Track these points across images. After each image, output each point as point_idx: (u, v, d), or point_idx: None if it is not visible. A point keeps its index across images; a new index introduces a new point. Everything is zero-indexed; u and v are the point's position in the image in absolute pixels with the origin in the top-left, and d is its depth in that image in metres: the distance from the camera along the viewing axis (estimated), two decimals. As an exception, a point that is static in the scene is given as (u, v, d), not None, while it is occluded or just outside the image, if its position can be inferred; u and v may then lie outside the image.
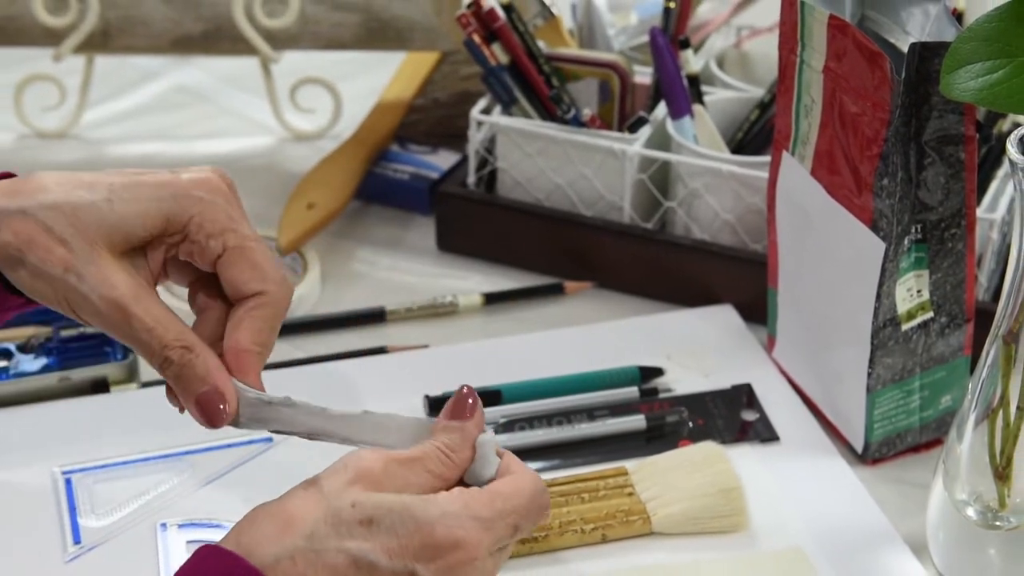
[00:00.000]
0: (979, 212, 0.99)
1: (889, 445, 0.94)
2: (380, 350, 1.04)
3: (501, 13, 1.10)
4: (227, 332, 0.73)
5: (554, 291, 1.10)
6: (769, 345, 1.02)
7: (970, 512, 0.84)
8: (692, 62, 1.11)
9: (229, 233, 0.73)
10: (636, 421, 0.95)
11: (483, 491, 0.70)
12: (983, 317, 0.91)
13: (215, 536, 0.87)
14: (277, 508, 0.69)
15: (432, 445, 0.72)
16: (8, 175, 0.75)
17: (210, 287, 0.74)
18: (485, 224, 1.13)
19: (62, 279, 0.71)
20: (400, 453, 0.71)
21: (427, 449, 0.72)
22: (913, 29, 0.88)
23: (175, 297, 1.04)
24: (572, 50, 1.16)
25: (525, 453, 0.93)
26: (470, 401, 0.74)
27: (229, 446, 0.94)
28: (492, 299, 1.09)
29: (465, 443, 0.73)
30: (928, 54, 0.83)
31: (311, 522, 0.68)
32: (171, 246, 0.73)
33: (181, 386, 0.71)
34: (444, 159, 1.20)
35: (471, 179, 1.14)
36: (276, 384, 1.00)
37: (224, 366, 0.72)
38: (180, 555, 0.86)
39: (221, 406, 0.71)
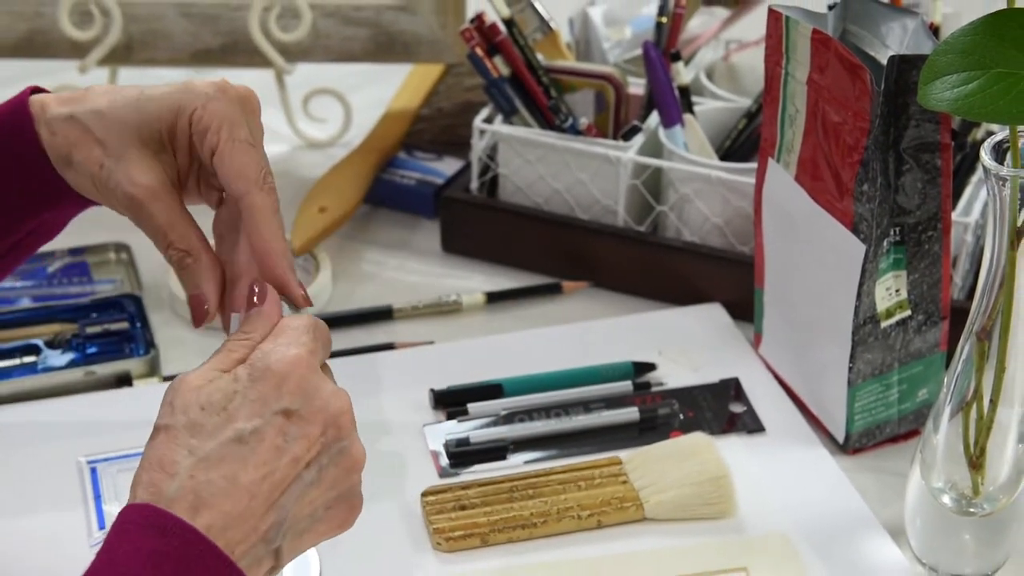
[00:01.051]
0: (954, 216, 0.99)
1: (869, 436, 0.94)
2: (388, 346, 1.04)
3: (502, 27, 1.10)
4: (245, 237, 0.75)
5: (552, 290, 1.10)
6: (756, 341, 1.02)
7: (946, 499, 0.84)
8: (683, 74, 1.11)
9: (224, 129, 0.74)
10: (630, 413, 0.95)
11: (278, 326, 0.71)
12: (958, 315, 0.91)
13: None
14: (147, 461, 0.67)
15: (231, 338, 0.72)
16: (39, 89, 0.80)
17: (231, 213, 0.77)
18: (487, 227, 1.13)
19: (97, 175, 0.75)
20: (207, 362, 0.70)
21: (227, 343, 0.71)
22: (892, 42, 0.88)
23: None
24: (569, 63, 1.16)
25: (525, 444, 0.94)
26: (257, 289, 0.72)
27: (245, 437, 0.94)
28: (494, 298, 1.09)
29: (262, 322, 0.71)
30: (906, 66, 0.83)
31: (182, 446, 0.67)
32: (188, 144, 0.76)
33: (183, 282, 0.76)
34: (448, 165, 1.20)
35: (474, 184, 1.14)
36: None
37: (221, 276, 0.76)
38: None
39: (205, 306, 0.75)
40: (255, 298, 0.73)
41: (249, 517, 0.67)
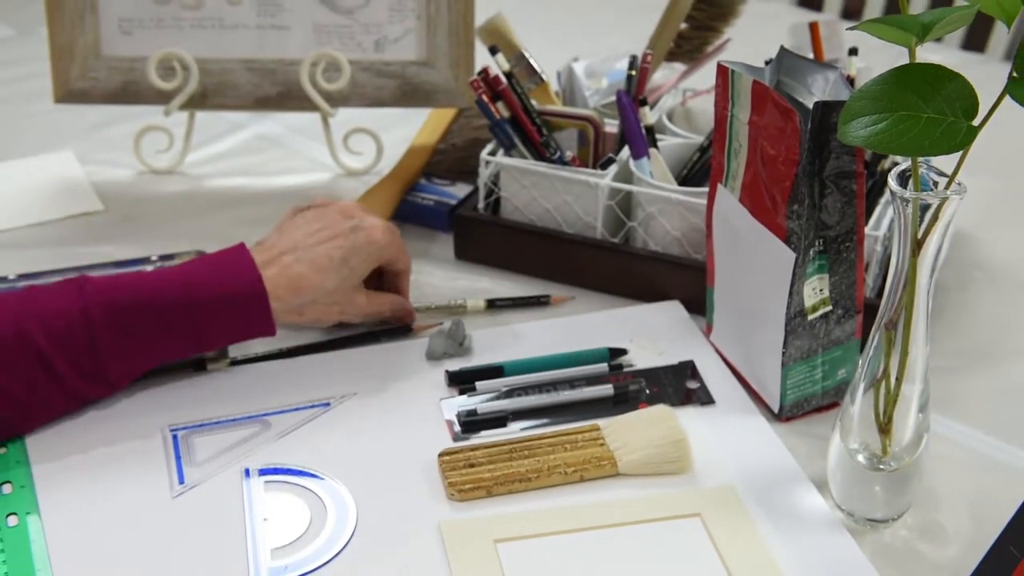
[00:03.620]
0: (867, 230, 0.99)
1: (798, 407, 0.94)
2: (407, 328, 1.03)
3: (503, 79, 1.10)
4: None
5: (542, 301, 1.08)
6: (707, 331, 1.02)
7: (860, 458, 0.83)
8: (649, 116, 1.10)
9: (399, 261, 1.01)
10: (605, 389, 0.95)
11: None
12: (870, 310, 0.91)
13: (288, 479, 0.87)
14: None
15: None
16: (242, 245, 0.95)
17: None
18: (492, 239, 1.13)
19: (338, 317, 0.98)
20: None
21: None
22: (816, 91, 0.88)
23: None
24: (557, 107, 1.16)
25: (522, 414, 0.93)
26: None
27: (297, 409, 0.93)
28: (493, 304, 1.07)
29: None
30: (828, 110, 0.83)
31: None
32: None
33: (398, 317, 1.02)
34: (460, 189, 1.20)
35: (481, 205, 1.14)
36: (330, 359, 1.00)
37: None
38: (260, 494, 0.86)
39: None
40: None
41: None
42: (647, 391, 0.96)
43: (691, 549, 0.81)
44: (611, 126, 1.14)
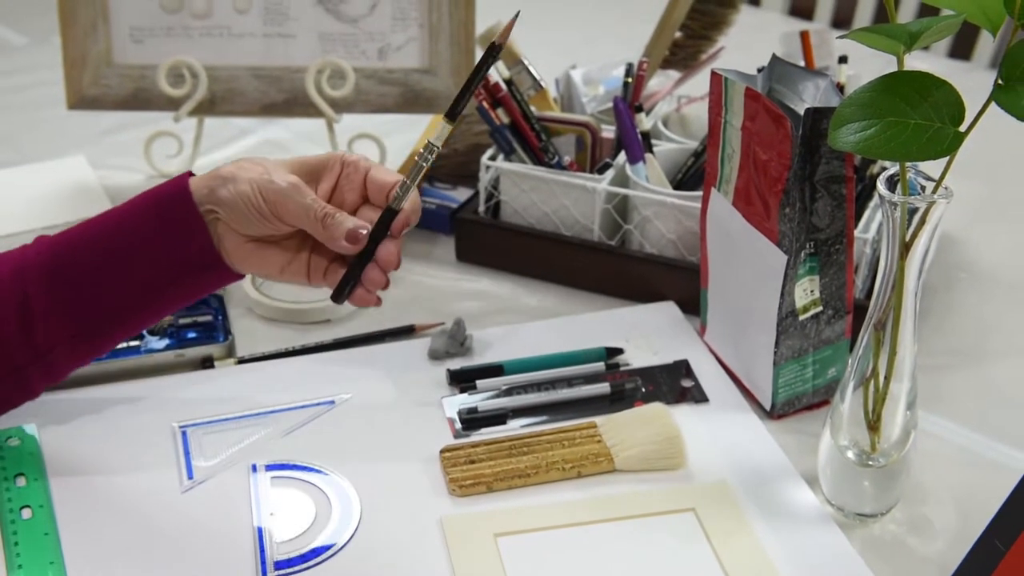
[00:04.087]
0: (856, 233, 0.99)
1: (790, 405, 0.94)
2: (409, 328, 1.03)
3: (503, 86, 1.10)
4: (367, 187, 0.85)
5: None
6: (701, 331, 1.02)
7: (850, 454, 0.84)
8: (644, 122, 1.11)
9: (362, 163, 0.85)
10: (602, 387, 0.95)
11: None
12: (859, 310, 0.91)
13: (294, 474, 0.87)
14: None
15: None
16: (190, 173, 0.84)
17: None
18: (492, 241, 1.13)
19: (258, 178, 0.81)
20: None
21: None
22: (807, 98, 0.88)
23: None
24: (556, 113, 1.16)
25: (521, 411, 0.93)
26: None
27: (303, 407, 0.93)
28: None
29: None
30: (819, 116, 0.83)
31: None
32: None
33: (330, 233, 0.81)
34: (461, 193, 1.20)
35: (481, 208, 1.14)
36: (335, 358, 1.00)
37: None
38: (267, 489, 0.86)
39: (362, 231, 0.81)
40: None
41: None
42: (643, 389, 0.96)
43: (685, 543, 0.82)
44: (608, 132, 1.14)
